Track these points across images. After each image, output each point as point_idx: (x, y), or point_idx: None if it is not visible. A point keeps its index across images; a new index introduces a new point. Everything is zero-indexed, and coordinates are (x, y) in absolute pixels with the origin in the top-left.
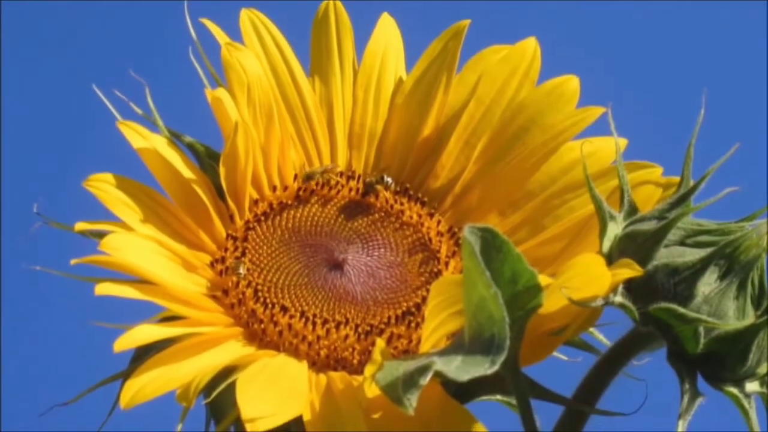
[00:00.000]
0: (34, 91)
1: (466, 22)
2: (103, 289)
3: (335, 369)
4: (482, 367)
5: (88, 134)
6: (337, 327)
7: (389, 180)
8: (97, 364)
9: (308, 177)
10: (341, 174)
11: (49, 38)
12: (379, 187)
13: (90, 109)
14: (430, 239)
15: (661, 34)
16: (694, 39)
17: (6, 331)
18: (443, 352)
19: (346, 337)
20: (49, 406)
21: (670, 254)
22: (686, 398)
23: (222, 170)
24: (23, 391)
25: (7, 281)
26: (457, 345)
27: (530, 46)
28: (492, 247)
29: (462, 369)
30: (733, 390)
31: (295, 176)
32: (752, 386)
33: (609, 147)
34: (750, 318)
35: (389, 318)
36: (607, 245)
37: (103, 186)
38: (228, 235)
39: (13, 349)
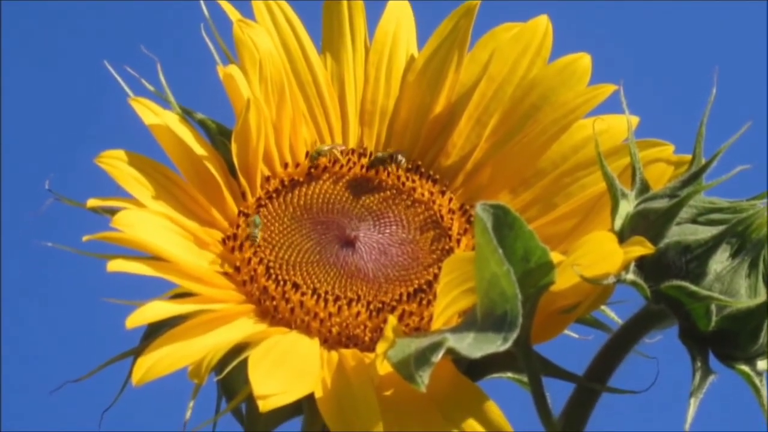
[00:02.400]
0: (45, 67)
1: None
2: (115, 265)
3: (347, 346)
4: (495, 344)
5: (99, 111)
6: (349, 304)
7: (401, 158)
8: (108, 341)
9: (316, 155)
10: (352, 151)
11: (61, 14)
12: (388, 164)
13: (101, 85)
14: (441, 216)
15: (673, 11)
16: (706, 16)
17: (17, 308)
18: (455, 329)
19: (358, 314)
20: (60, 383)
21: (682, 232)
22: (698, 376)
23: (234, 147)
24: (35, 368)
25: (19, 259)
26: (469, 322)
27: (542, 23)
28: (504, 224)
29: (474, 346)
30: (745, 368)
31: (307, 153)
32: (763, 364)
33: (621, 125)
34: (762, 296)
35: (401, 295)
36: (618, 223)
37: (114, 162)
38: (240, 212)
39: (24, 327)
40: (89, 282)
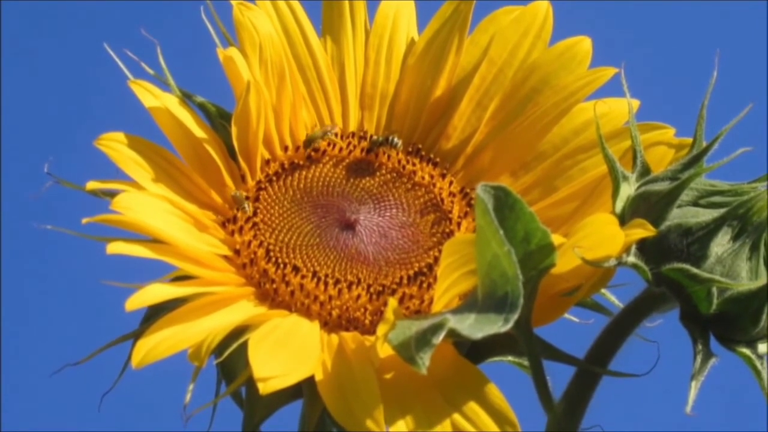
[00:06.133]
0: (45, 50)
1: None
2: (115, 248)
3: (347, 329)
4: (496, 325)
5: (99, 93)
6: (349, 287)
7: (396, 140)
8: (108, 323)
9: (309, 141)
10: (353, 135)
11: None
12: (384, 147)
13: (101, 68)
14: (442, 200)
15: None
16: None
17: (17, 291)
18: (456, 311)
19: (358, 297)
20: (60, 365)
21: (683, 215)
22: (699, 359)
23: (234, 130)
24: (35, 352)
25: (18, 242)
26: (470, 303)
27: (542, 7)
28: (505, 205)
29: (475, 327)
30: (746, 351)
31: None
32: (764, 347)
33: (621, 108)
34: (763, 279)
35: (401, 278)
36: (619, 206)
37: (114, 145)
38: None
39: (24, 310)
40: (89, 265)
